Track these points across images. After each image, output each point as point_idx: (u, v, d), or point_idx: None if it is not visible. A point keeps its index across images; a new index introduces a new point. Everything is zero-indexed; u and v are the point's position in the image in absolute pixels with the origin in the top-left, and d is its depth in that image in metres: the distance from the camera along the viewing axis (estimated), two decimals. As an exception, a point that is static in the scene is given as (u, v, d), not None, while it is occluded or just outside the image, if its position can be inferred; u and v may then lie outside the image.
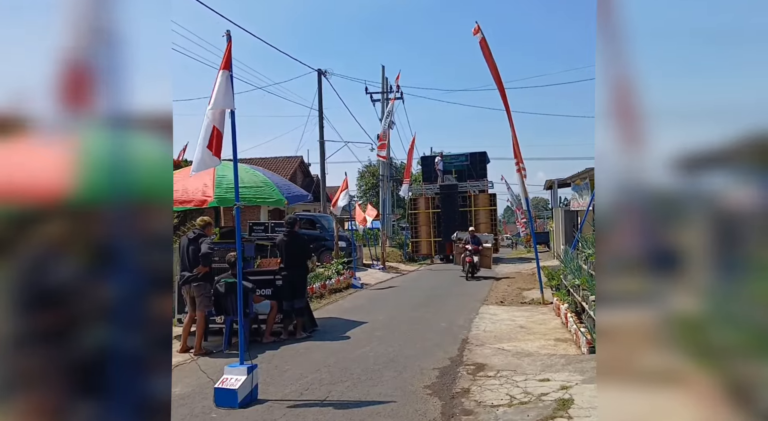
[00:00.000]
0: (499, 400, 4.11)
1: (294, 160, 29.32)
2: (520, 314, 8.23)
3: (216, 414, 4.04)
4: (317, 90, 21.52)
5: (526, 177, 10.29)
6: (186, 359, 5.79)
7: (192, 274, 6.14)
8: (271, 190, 6.84)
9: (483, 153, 24.49)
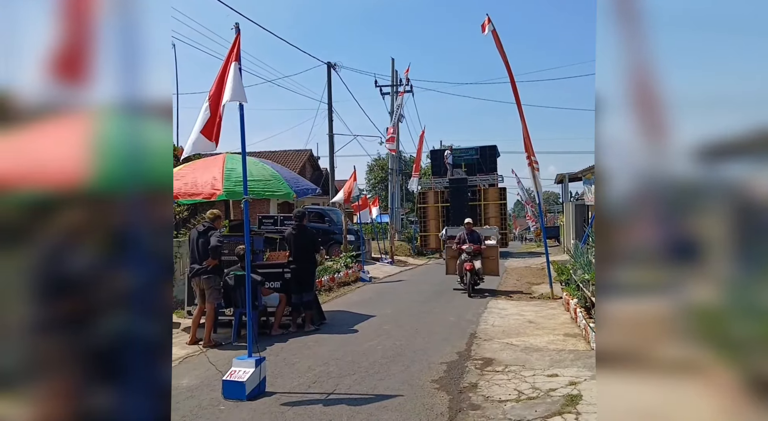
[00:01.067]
0: (507, 395, 4.09)
1: (303, 153, 29.34)
2: (529, 309, 8.19)
3: (224, 406, 4.07)
4: (327, 83, 21.47)
5: (538, 170, 10.19)
6: (195, 351, 5.84)
7: (202, 266, 6.18)
8: (280, 183, 6.84)
9: (493, 147, 24.34)
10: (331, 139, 21.55)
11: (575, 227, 17.74)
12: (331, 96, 21.55)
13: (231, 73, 4.29)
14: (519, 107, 9.71)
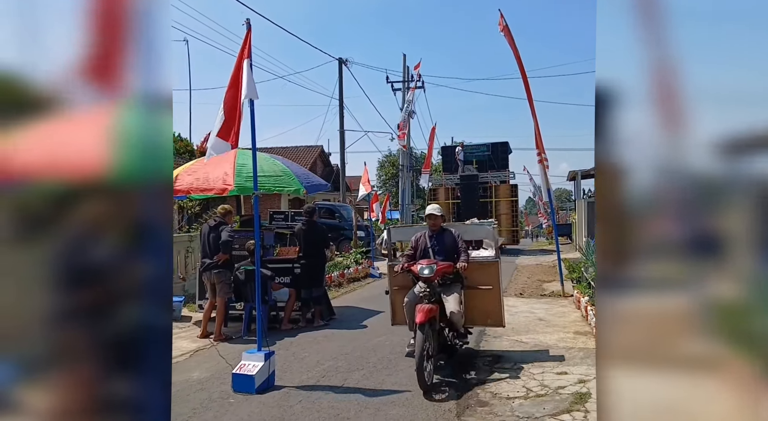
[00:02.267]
0: (515, 392, 4.08)
1: (314, 149, 29.42)
2: (540, 307, 8.14)
3: (233, 399, 4.11)
4: (338, 79, 21.48)
5: (548, 168, 10.12)
6: (206, 345, 5.91)
7: (213, 261, 6.24)
8: (290, 179, 6.87)
9: (504, 143, 24.18)
10: (342, 135, 21.58)
11: (587, 225, 17.58)
12: (342, 92, 21.57)
13: (243, 71, 4.32)
14: (531, 104, 9.64)
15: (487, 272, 5.06)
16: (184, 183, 6.51)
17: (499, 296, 5.12)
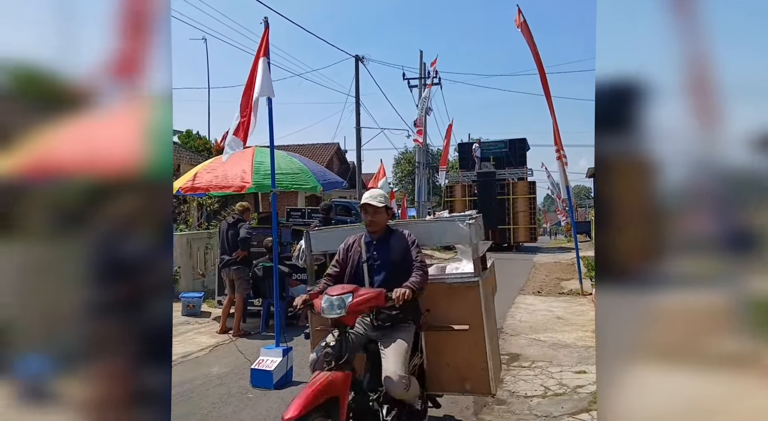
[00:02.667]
0: (533, 391, 4.05)
1: (330, 147, 29.53)
2: (558, 305, 8.06)
3: (252, 394, 4.16)
4: (354, 76, 21.50)
5: (567, 164, 9.99)
6: (225, 340, 5.99)
7: (231, 258, 6.31)
8: (307, 176, 6.91)
9: (522, 140, 23.95)
10: (359, 132, 21.61)
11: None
12: (359, 89, 21.57)
13: (260, 69, 4.36)
14: (549, 100, 9.52)
15: (461, 300, 3.01)
16: (204, 181, 6.60)
17: (482, 342, 2.95)
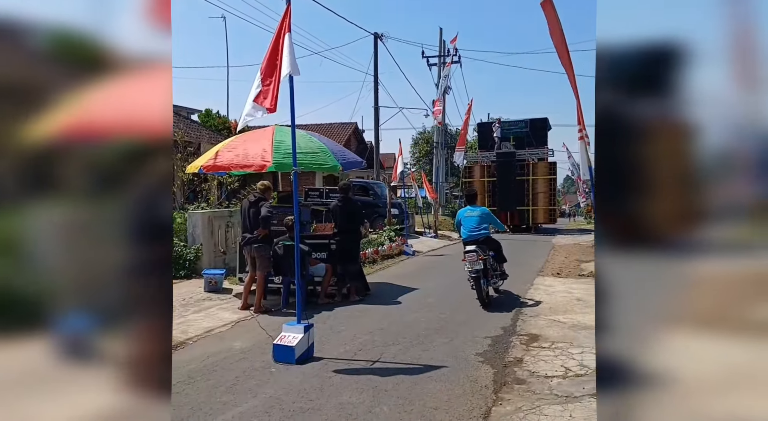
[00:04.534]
0: (553, 371, 4.05)
1: (349, 126, 29.40)
2: (578, 286, 8.00)
3: (275, 369, 4.25)
4: (373, 55, 21.22)
5: (589, 144, 9.78)
6: (246, 316, 6.11)
7: (253, 236, 6.39)
8: (327, 156, 6.90)
9: (544, 119, 23.48)
10: (377, 111, 21.44)
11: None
12: (377, 68, 21.32)
13: (286, 46, 4.32)
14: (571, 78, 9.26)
15: None
16: (225, 159, 6.64)
17: None
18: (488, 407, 3.45)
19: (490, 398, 3.61)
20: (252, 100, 4.39)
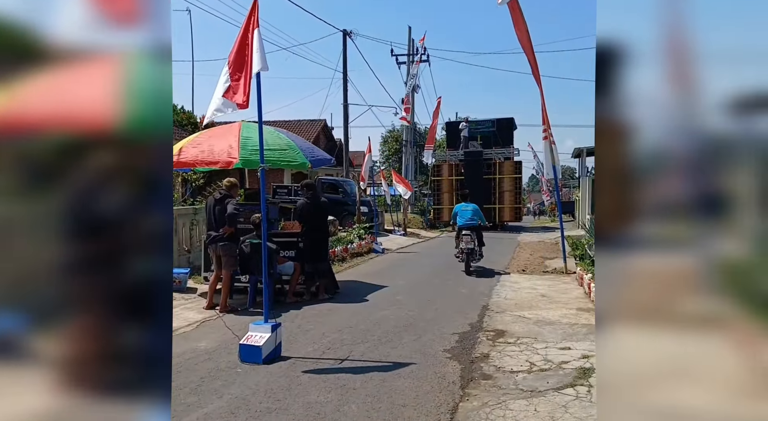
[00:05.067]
0: (518, 366, 4.14)
1: (317, 123, 29.16)
2: (542, 283, 8.20)
3: (241, 369, 4.18)
4: (342, 51, 21.11)
5: (554, 143, 10.03)
6: (212, 316, 5.98)
7: (218, 234, 6.25)
8: (295, 153, 6.82)
9: (510, 119, 23.94)
10: (346, 109, 21.34)
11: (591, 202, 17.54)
12: (346, 65, 21.22)
13: (256, 41, 4.24)
14: (537, 79, 9.47)
15: None
16: (189, 155, 6.47)
17: None
18: (455, 402, 3.49)
19: (457, 393, 3.65)
20: (222, 96, 4.29)
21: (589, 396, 3.40)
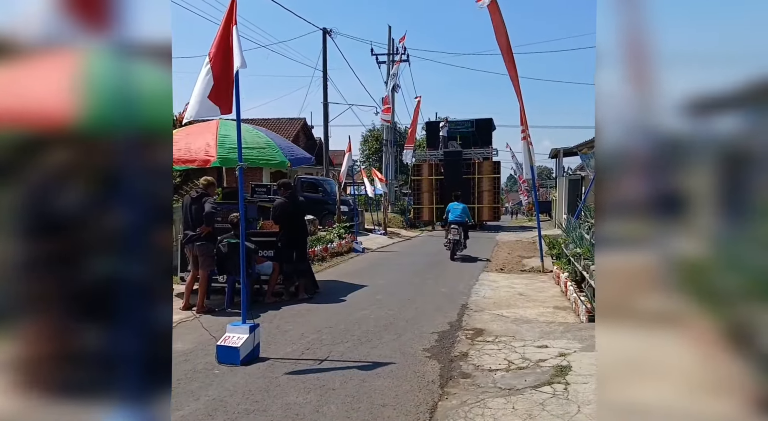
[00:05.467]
0: (497, 364, 4.18)
1: (297, 121, 28.94)
2: (520, 282, 8.30)
3: (218, 370, 4.12)
4: (322, 50, 20.99)
5: (532, 144, 10.17)
6: (188, 317, 5.88)
7: (195, 233, 6.15)
8: (275, 151, 6.75)
9: (489, 120, 24.16)
10: (326, 107, 21.24)
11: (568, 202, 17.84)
12: (326, 63, 21.12)
13: (234, 39, 4.17)
14: (515, 81, 9.58)
15: None
16: (165, 153, 6.34)
17: None
18: (435, 401, 3.51)
19: (436, 392, 3.67)
20: (206, 97, 4.20)
21: (566, 394, 3.45)
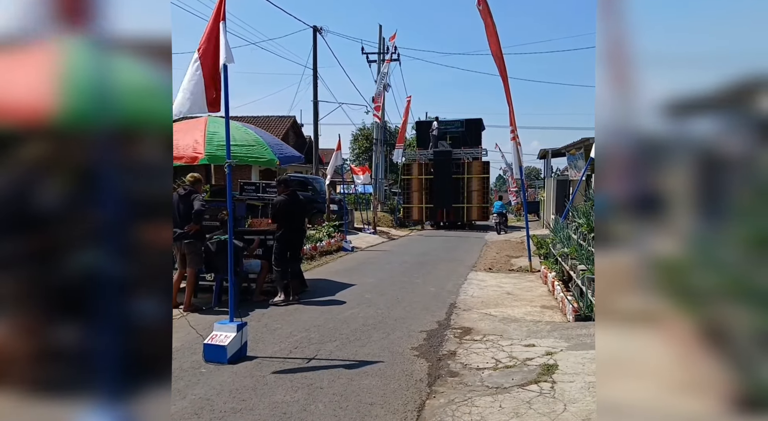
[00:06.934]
0: (484, 363, 4.20)
1: (286, 119, 28.81)
2: (508, 281, 8.35)
3: (205, 369, 4.09)
4: (312, 48, 20.91)
5: (520, 145, 10.24)
6: (175, 315, 5.82)
7: (183, 231, 6.09)
8: (263, 149, 6.71)
9: (478, 120, 24.25)
10: (316, 106, 21.16)
11: (556, 202, 17.98)
12: (317, 62, 21.04)
13: (221, 34, 4.15)
14: (505, 82, 9.63)
15: None
16: (153, 150, 6.27)
17: None
18: (423, 400, 3.52)
19: (424, 391, 3.68)
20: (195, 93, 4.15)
21: (552, 392, 3.48)
